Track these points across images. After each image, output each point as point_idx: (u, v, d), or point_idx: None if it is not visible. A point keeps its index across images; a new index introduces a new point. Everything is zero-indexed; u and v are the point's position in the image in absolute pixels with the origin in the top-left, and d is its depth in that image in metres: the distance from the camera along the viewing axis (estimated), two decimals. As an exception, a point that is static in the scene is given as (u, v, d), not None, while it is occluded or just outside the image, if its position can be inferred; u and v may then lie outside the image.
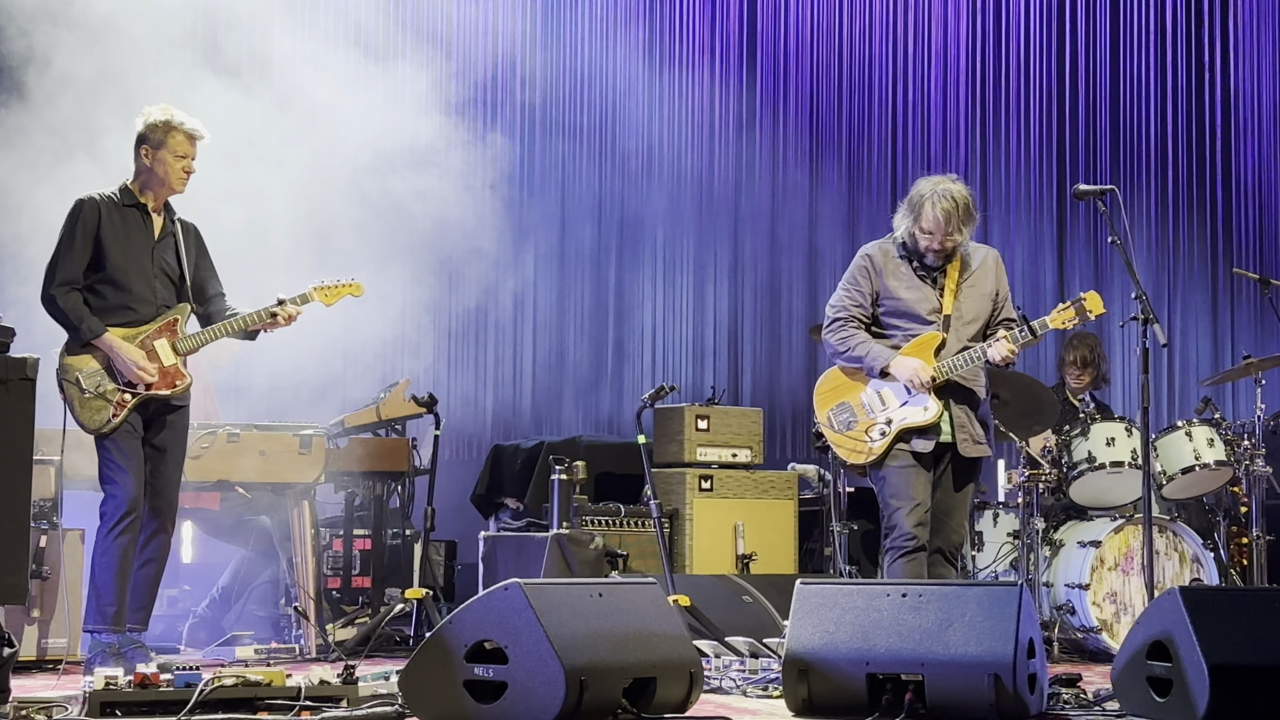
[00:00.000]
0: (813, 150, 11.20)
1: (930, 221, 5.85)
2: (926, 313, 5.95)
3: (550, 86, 10.52)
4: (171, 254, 6.18)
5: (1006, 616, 4.56)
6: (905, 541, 5.79)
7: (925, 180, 5.97)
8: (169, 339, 6.07)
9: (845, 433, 5.97)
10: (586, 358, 10.63)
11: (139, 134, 6.15)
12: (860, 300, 6.01)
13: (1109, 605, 7.37)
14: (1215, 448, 7.55)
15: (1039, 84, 11.48)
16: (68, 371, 5.95)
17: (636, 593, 4.79)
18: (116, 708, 4.19)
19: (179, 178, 6.13)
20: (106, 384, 5.93)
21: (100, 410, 5.91)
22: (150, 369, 5.97)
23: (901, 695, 4.58)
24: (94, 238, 6.01)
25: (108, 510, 5.93)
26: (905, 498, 5.83)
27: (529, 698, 4.21)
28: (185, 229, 6.29)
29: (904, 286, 5.97)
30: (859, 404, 5.98)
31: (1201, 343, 11.07)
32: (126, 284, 6.04)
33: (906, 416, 5.87)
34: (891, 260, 6.01)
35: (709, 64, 10.95)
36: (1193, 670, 4.46)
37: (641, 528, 8.07)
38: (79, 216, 6.05)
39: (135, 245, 6.09)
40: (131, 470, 5.93)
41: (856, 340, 5.97)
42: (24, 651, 6.11)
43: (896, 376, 5.87)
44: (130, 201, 6.13)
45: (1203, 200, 11.20)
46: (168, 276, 6.16)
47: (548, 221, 10.47)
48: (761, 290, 11.13)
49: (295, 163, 8.21)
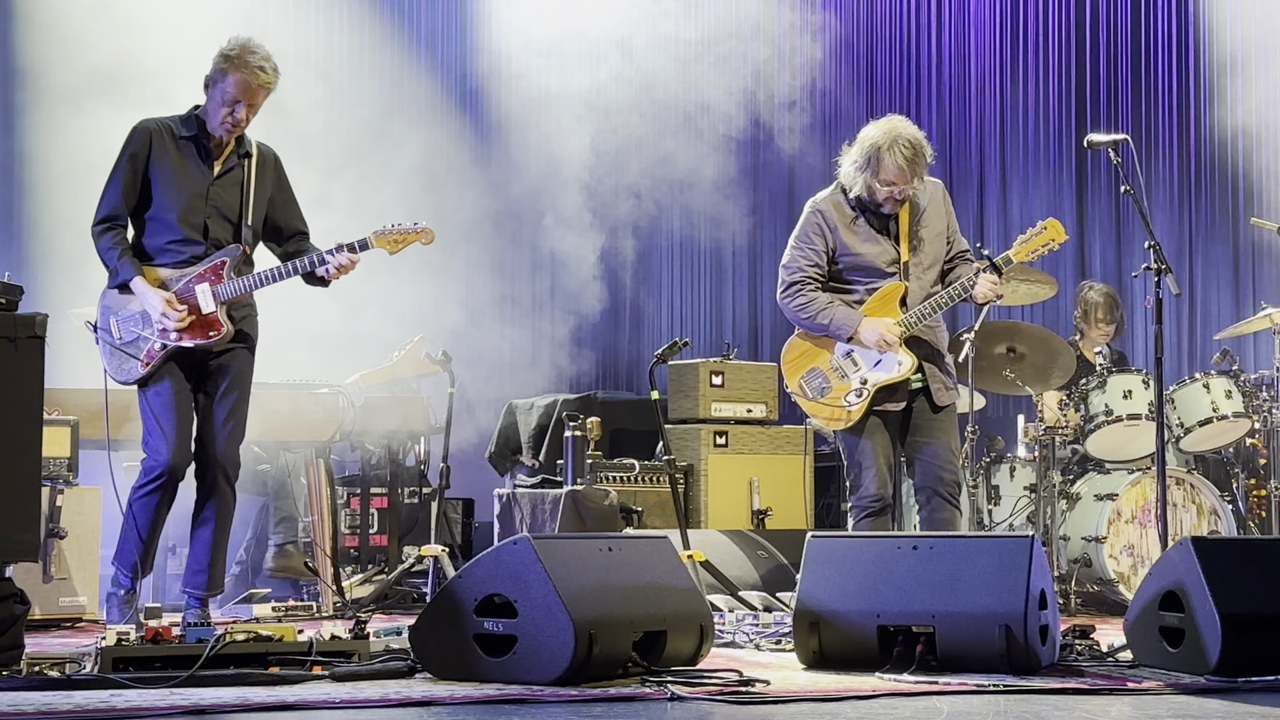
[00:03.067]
0: (832, 103, 11.13)
1: (892, 171, 5.69)
2: (886, 264, 5.84)
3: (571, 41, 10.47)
4: (234, 192, 5.66)
5: (1017, 568, 4.54)
6: (871, 503, 5.79)
7: (874, 127, 5.77)
8: (211, 283, 5.54)
9: (820, 399, 5.88)
10: (603, 313, 10.62)
11: (213, 58, 5.61)
12: (815, 259, 5.86)
13: (1126, 558, 7.35)
14: (1233, 399, 7.51)
15: (1057, 34, 11.36)
16: (104, 316, 5.58)
17: (646, 546, 4.79)
18: (128, 663, 4.21)
19: (223, 124, 5.59)
20: (140, 331, 5.51)
21: (130, 360, 5.52)
22: (174, 315, 5.47)
23: (912, 647, 4.58)
24: (144, 170, 5.57)
25: (145, 467, 5.57)
26: (870, 459, 5.80)
27: (538, 651, 4.21)
28: (263, 160, 5.75)
29: (860, 241, 5.84)
30: (830, 368, 5.88)
31: (1223, 295, 10.98)
32: (173, 224, 5.57)
33: (881, 376, 5.80)
34: (844, 213, 5.86)
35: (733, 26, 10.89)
36: (1205, 620, 4.45)
37: (656, 484, 8.07)
38: (129, 146, 5.60)
39: (189, 180, 5.59)
40: (168, 428, 5.50)
41: (818, 305, 5.83)
42: (42, 610, 6.15)
43: (865, 344, 5.77)
44: (190, 132, 5.63)
45: (1223, 151, 11.08)
46: (223, 216, 5.64)
47: (565, 177, 10.43)
48: (779, 245, 11.07)
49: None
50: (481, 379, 9.84)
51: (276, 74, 5.60)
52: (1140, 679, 4.48)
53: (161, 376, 5.54)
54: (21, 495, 4.47)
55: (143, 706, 3.82)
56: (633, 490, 7.99)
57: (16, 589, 4.50)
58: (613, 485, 7.84)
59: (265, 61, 5.57)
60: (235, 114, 5.56)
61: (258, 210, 5.69)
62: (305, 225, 5.86)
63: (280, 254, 5.81)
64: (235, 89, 5.53)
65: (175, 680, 4.11)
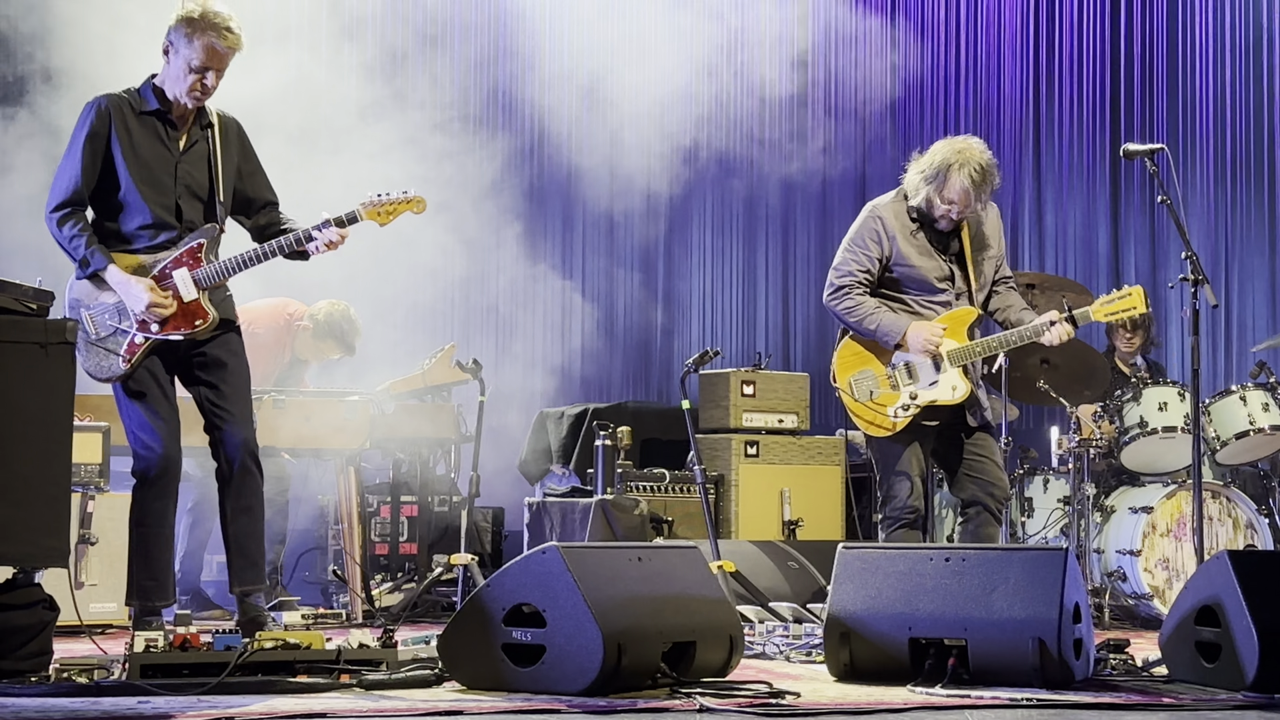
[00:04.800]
0: (863, 113, 11.10)
1: (956, 192, 5.69)
2: (938, 280, 5.83)
3: (596, 58, 10.46)
4: (201, 167, 5.29)
5: (1051, 580, 4.49)
6: (906, 514, 5.78)
7: (947, 145, 5.77)
8: (190, 268, 5.21)
9: (866, 401, 5.85)
10: (635, 323, 10.60)
11: (169, 24, 5.20)
12: (868, 265, 5.83)
13: (1161, 572, 7.28)
14: (1270, 412, 7.43)
15: (1094, 43, 11.31)
16: (74, 309, 5.22)
17: (676, 557, 4.76)
18: (157, 670, 4.20)
19: (190, 92, 5.18)
20: (118, 324, 5.17)
21: (109, 356, 5.20)
22: (164, 303, 5.15)
23: (944, 660, 4.53)
24: (104, 150, 5.17)
25: (138, 471, 5.28)
26: (906, 471, 5.79)
27: (567, 661, 4.19)
28: (225, 129, 5.36)
29: (917, 253, 5.83)
30: (883, 374, 5.86)
31: (1259, 306, 10.90)
32: (142, 206, 5.20)
33: (933, 396, 5.78)
34: (904, 223, 5.84)
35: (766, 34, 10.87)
36: (1241, 635, 4.39)
37: (687, 494, 8.03)
38: (87, 124, 5.17)
39: (154, 159, 5.22)
40: (159, 425, 5.21)
41: (865, 309, 5.81)
42: (72, 617, 6.14)
43: (910, 348, 5.75)
44: (148, 107, 5.23)
45: (1260, 161, 11.00)
46: (194, 194, 5.28)
47: (596, 186, 10.42)
48: (812, 254, 11.05)
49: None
50: (513, 386, 9.84)
51: (242, 34, 5.22)
52: (1176, 694, 4.42)
53: (142, 369, 5.22)
54: (52, 501, 4.47)
55: (170, 713, 3.81)
56: (663, 500, 7.96)
57: (46, 595, 4.51)
58: (643, 495, 7.81)
59: (230, 22, 5.19)
60: (205, 80, 5.18)
61: (227, 184, 5.35)
62: (275, 195, 5.53)
63: (251, 226, 5.48)
64: (202, 54, 5.14)
65: (203, 688, 4.10)
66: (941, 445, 5.92)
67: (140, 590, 5.38)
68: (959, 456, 5.87)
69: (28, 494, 4.38)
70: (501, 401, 9.70)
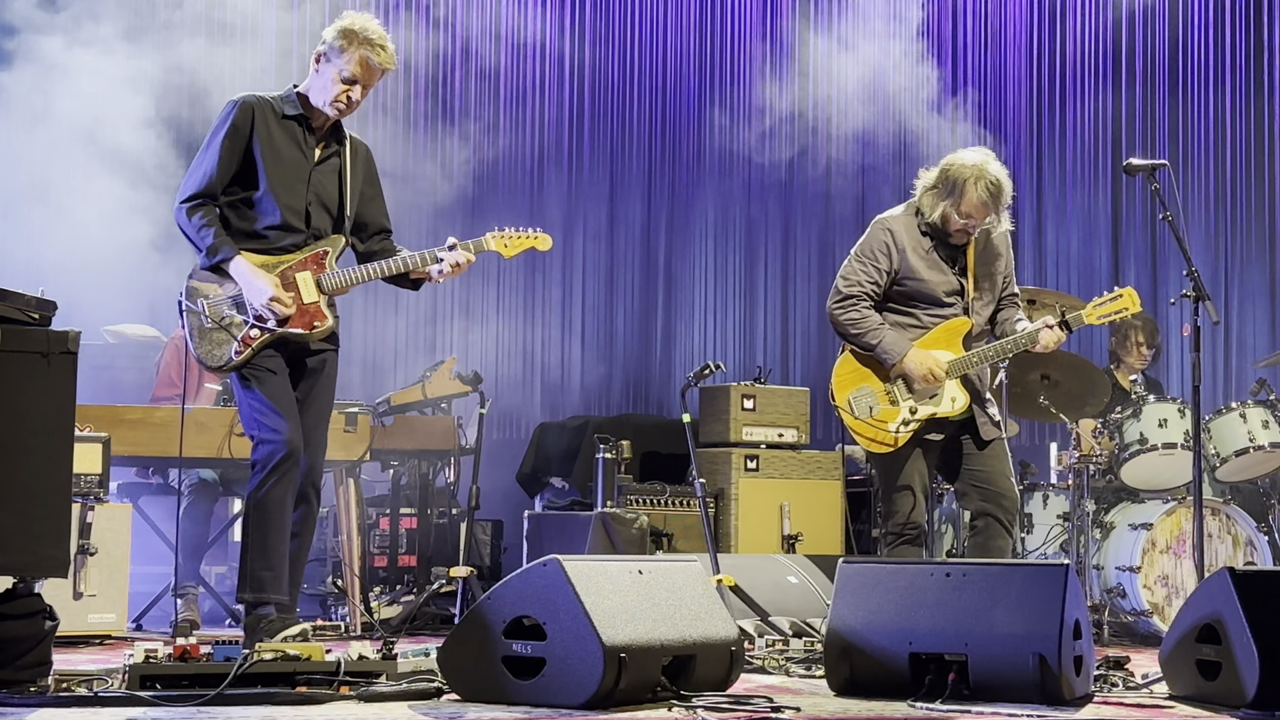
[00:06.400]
0: (864, 127, 11.11)
1: (974, 205, 5.64)
2: (946, 294, 5.79)
3: (599, 65, 10.49)
4: (333, 180, 5.35)
5: (1052, 596, 4.48)
6: (910, 529, 5.74)
7: (964, 156, 5.72)
8: (314, 273, 5.24)
9: (866, 418, 5.80)
10: (635, 336, 10.61)
11: (323, 36, 5.28)
12: (876, 278, 5.77)
13: (1160, 588, 7.28)
14: (1270, 429, 7.43)
15: (1095, 60, 11.33)
16: (191, 296, 5.20)
17: (677, 570, 4.75)
18: (156, 681, 4.19)
19: (334, 102, 5.24)
20: (234, 316, 5.17)
21: (222, 345, 5.16)
22: (286, 300, 5.16)
23: (945, 675, 4.52)
24: (245, 148, 5.21)
25: (260, 457, 5.17)
26: (909, 486, 5.75)
27: (567, 674, 4.18)
28: (355, 150, 5.43)
29: (926, 267, 5.78)
30: (881, 390, 5.79)
31: (1259, 324, 10.90)
32: (274, 208, 5.23)
33: (932, 409, 5.75)
34: (915, 237, 5.79)
35: (761, 43, 10.88)
36: (1242, 653, 4.38)
37: (687, 507, 8.03)
38: (229, 120, 5.22)
39: (290, 163, 5.26)
40: (283, 409, 5.15)
41: (870, 324, 5.75)
42: (71, 627, 6.15)
43: (909, 374, 5.72)
44: (292, 113, 5.29)
45: (1260, 179, 11.02)
46: (323, 204, 5.33)
47: (597, 199, 10.43)
48: (812, 269, 11.06)
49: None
50: (513, 399, 9.84)
51: (395, 54, 5.30)
52: (1176, 712, 4.41)
53: (262, 359, 5.18)
54: (52, 511, 4.47)
55: (169, 724, 3.81)
56: (663, 513, 7.96)
57: (46, 605, 4.50)
58: (643, 508, 7.81)
59: (386, 41, 5.26)
60: (351, 94, 5.25)
61: (354, 201, 5.40)
62: (390, 223, 5.56)
63: (363, 251, 5.49)
64: (355, 66, 5.21)
65: (202, 699, 4.09)
66: (947, 457, 5.88)
67: (255, 582, 5.23)
68: (966, 468, 5.83)
69: (29, 503, 4.38)
70: (501, 414, 9.72)
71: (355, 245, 5.51)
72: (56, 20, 8.89)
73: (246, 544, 5.24)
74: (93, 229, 8.52)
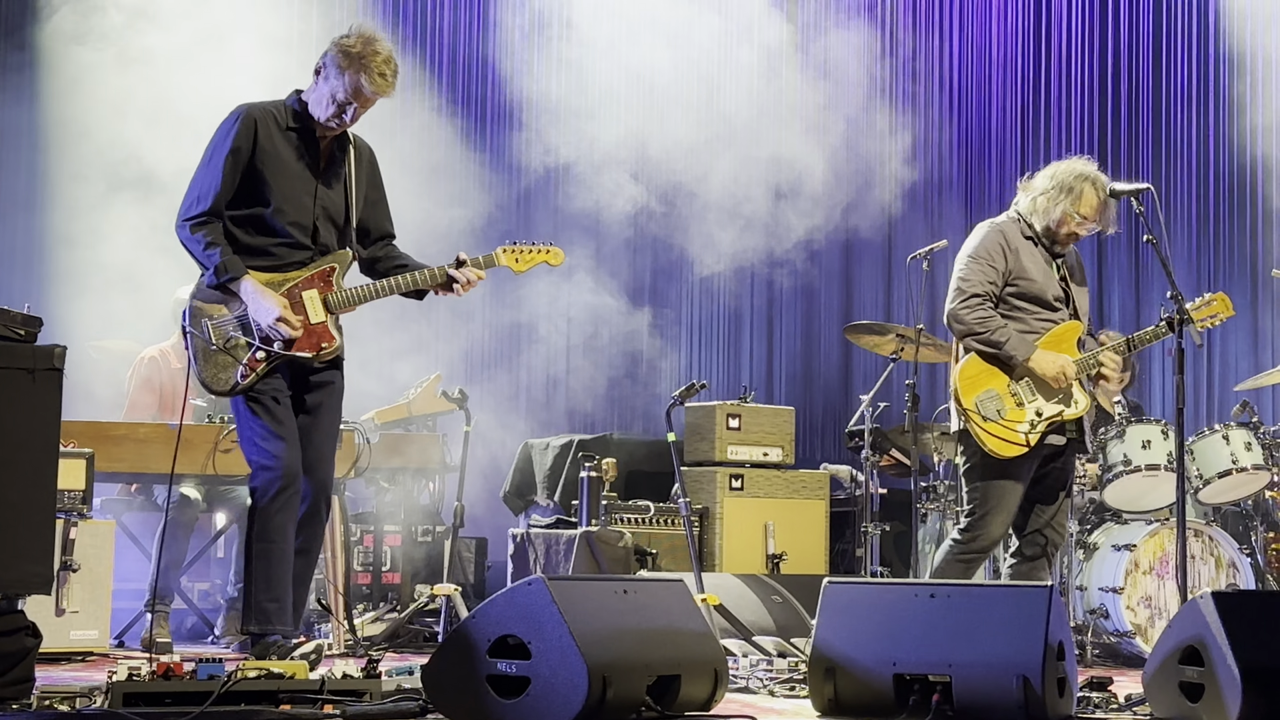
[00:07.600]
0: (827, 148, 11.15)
1: (1092, 205, 5.76)
2: (1054, 298, 5.86)
3: (571, 80, 10.50)
4: (339, 190, 5.21)
5: (1036, 618, 4.49)
6: (987, 547, 5.78)
7: (1075, 163, 5.84)
8: (320, 291, 5.12)
9: (997, 420, 5.77)
10: (619, 354, 10.61)
11: (327, 49, 5.12)
12: (994, 278, 5.80)
13: (1143, 609, 7.29)
14: (1253, 451, 7.45)
15: (1080, 84, 11.39)
16: (195, 318, 5.06)
17: (662, 590, 4.76)
18: (139, 699, 4.18)
19: (327, 121, 5.12)
20: (239, 338, 5.05)
21: (226, 368, 5.04)
22: (294, 322, 5.04)
23: (928, 696, 4.53)
24: (248, 162, 5.06)
25: (259, 485, 5.08)
26: (1003, 507, 5.75)
27: (551, 694, 4.18)
28: (359, 154, 5.29)
29: (1036, 269, 5.84)
30: (1007, 392, 5.78)
31: (1241, 346, 10.95)
32: (280, 222, 5.09)
33: (1055, 410, 5.77)
34: (1022, 240, 5.86)
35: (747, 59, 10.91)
36: (1225, 675, 4.39)
37: (671, 526, 8.03)
38: (232, 134, 5.06)
39: (296, 178, 5.12)
40: (285, 434, 5.06)
41: (996, 323, 5.76)
42: (53, 644, 6.12)
43: (1040, 373, 5.73)
44: (295, 123, 5.15)
45: (1241, 203, 11.07)
46: (330, 218, 5.18)
47: (582, 215, 10.44)
48: (798, 289, 11.08)
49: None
50: (497, 418, 9.83)
51: (396, 79, 5.13)
52: (1159, 733, 4.43)
53: (267, 382, 5.08)
54: (35, 527, 4.46)
55: (152, 743, 3.79)
56: (648, 532, 7.95)
57: (28, 622, 4.48)
58: (627, 527, 7.81)
59: (387, 67, 5.09)
60: (344, 116, 5.12)
61: (357, 208, 5.27)
62: (393, 227, 5.43)
63: (365, 257, 5.36)
64: (349, 91, 5.06)
65: (186, 717, 4.08)
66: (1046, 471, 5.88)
67: (260, 614, 5.15)
68: (1045, 489, 5.87)
69: (12, 519, 4.37)
70: (486, 432, 9.70)
71: (358, 250, 5.39)
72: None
73: (250, 575, 5.17)
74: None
